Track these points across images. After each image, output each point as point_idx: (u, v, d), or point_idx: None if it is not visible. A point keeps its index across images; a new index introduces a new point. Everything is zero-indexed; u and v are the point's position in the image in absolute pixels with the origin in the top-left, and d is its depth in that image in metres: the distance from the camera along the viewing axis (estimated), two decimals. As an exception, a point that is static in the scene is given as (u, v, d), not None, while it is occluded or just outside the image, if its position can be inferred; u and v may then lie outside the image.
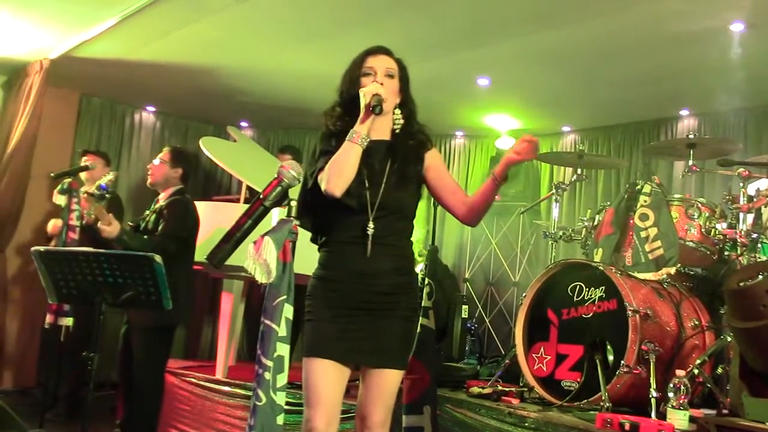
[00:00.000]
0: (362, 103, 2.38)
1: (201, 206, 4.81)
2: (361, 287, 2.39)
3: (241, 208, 4.84)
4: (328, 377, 2.34)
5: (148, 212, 4.42)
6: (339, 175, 2.30)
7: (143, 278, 3.26)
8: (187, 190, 4.53)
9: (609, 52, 5.01)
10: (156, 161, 4.46)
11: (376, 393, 2.39)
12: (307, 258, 3.83)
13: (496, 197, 6.69)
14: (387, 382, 2.40)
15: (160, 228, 4.22)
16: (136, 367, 4.15)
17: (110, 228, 4.01)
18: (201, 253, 4.30)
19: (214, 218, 4.82)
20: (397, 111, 2.52)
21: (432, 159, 2.60)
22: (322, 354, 2.35)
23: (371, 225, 2.38)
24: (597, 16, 4.46)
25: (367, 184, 2.41)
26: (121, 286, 3.26)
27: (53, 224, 5.41)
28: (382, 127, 2.50)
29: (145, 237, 4.16)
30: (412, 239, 2.55)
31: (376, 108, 2.32)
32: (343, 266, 2.42)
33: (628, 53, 4.99)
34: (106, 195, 4.23)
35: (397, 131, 2.53)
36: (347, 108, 2.50)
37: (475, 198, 2.52)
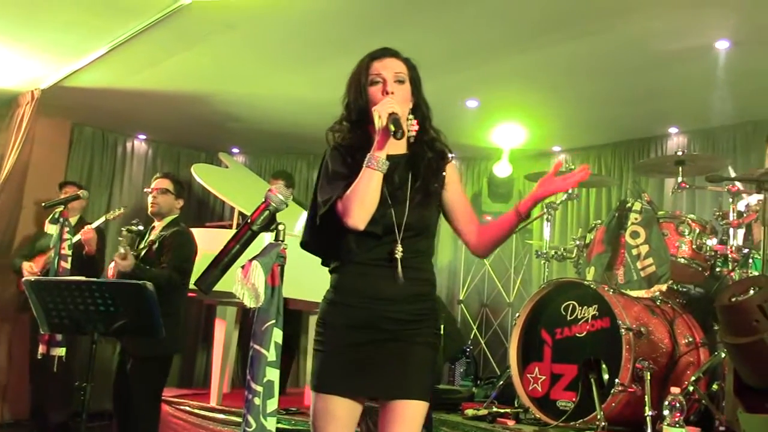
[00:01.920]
0: (377, 124, 2.11)
1: (196, 233, 4.81)
2: (385, 314, 2.15)
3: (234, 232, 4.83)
4: (341, 416, 2.15)
5: (145, 240, 4.41)
6: (362, 207, 2.08)
7: (135, 306, 3.25)
8: (183, 220, 4.54)
9: (597, 71, 5.05)
10: (158, 189, 4.43)
11: (398, 428, 2.12)
12: (298, 282, 3.83)
13: (488, 217, 6.69)
14: (411, 414, 2.12)
15: (164, 258, 4.21)
16: (132, 397, 4.11)
17: (126, 263, 3.99)
18: (192, 280, 4.30)
19: (207, 245, 4.82)
20: (410, 117, 2.22)
21: (451, 174, 2.33)
22: (336, 390, 2.14)
23: (399, 248, 2.16)
24: (584, 35, 4.50)
25: (390, 202, 2.16)
26: (113, 314, 3.25)
27: (28, 267, 5.47)
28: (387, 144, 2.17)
29: (153, 269, 4.14)
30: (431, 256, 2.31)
31: (397, 133, 2.06)
32: (365, 291, 2.17)
33: (616, 72, 5.04)
34: (142, 231, 4.30)
35: (412, 140, 2.24)
36: (356, 121, 2.27)
37: (493, 231, 2.32)
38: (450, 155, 2.36)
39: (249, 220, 1.95)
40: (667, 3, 4.06)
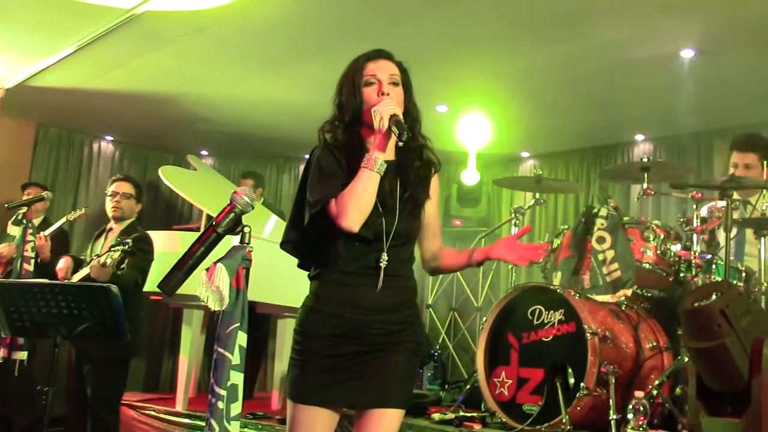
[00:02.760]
0: (376, 124, 2.08)
1: (161, 235, 4.76)
2: (371, 323, 2.11)
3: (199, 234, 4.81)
4: (319, 427, 2.11)
5: (99, 244, 4.34)
6: (357, 208, 2.04)
7: (99, 309, 3.20)
8: (146, 220, 4.52)
9: (565, 78, 5.11)
10: (121, 193, 4.38)
11: None
12: (268, 286, 3.82)
13: (457, 222, 6.71)
14: (388, 422, 2.10)
15: (127, 261, 4.16)
16: (91, 402, 4.06)
17: (106, 270, 3.92)
18: (157, 282, 4.25)
19: (174, 247, 4.78)
20: (403, 122, 2.13)
21: (434, 187, 2.31)
22: (315, 401, 2.11)
23: (385, 257, 2.12)
24: (553, 42, 4.55)
25: (381, 210, 2.12)
26: (76, 317, 3.20)
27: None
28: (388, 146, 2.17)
29: (118, 272, 4.09)
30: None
31: (402, 135, 2.04)
32: (351, 301, 2.13)
33: (584, 79, 5.10)
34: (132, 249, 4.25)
35: (401, 144, 2.12)
36: (349, 122, 2.21)
37: (447, 260, 2.34)
38: (437, 166, 2.33)
39: (214, 223, 1.94)
40: (634, 12, 4.12)
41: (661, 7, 4.04)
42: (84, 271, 4.05)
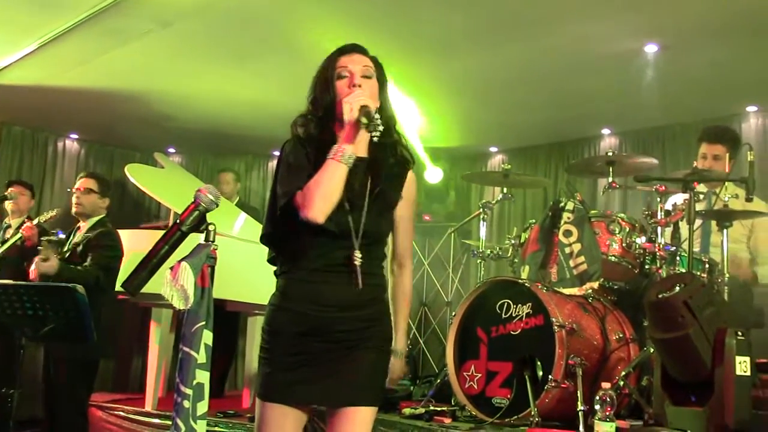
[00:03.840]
0: (346, 116, 2.04)
1: (128, 234, 4.72)
2: (338, 321, 2.09)
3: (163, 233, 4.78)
4: (287, 426, 2.10)
5: (69, 242, 4.31)
6: (322, 199, 2.00)
7: (65, 310, 3.17)
8: (110, 220, 4.45)
9: (531, 73, 5.15)
10: (81, 189, 4.34)
11: None
12: (238, 284, 3.80)
13: (426, 217, 6.73)
14: (361, 420, 2.08)
15: (90, 258, 4.12)
16: (58, 402, 4.02)
17: (48, 264, 3.89)
18: (122, 280, 4.21)
19: (141, 246, 4.73)
20: (377, 116, 2.06)
21: (409, 188, 2.28)
22: (284, 399, 2.09)
23: (358, 254, 2.09)
24: (518, 39, 4.59)
25: (347, 207, 2.09)
26: (42, 318, 3.17)
27: None
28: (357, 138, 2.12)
29: (78, 267, 4.04)
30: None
31: (370, 126, 2.01)
32: (318, 298, 2.10)
33: (549, 75, 5.14)
34: (62, 240, 4.18)
35: (375, 139, 2.09)
36: (322, 117, 2.18)
37: (393, 299, 2.30)
38: (411, 163, 2.29)
39: (178, 221, 1.92)
40: (598, 9, 4.16)
41: (625, 3, 4.09)
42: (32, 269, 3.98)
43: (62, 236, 4.09)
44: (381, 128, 2.07)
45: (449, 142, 6.87)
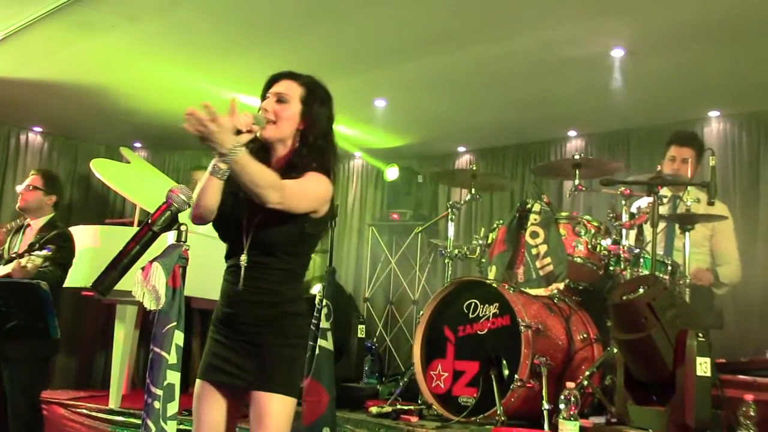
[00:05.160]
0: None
1: (92, 230, 4.66)
2: (236, 316, 2.27)
3: (134, 231, 4.73)
4: (202, 398, 2.27)
5: (20, 240, 4.22)
6: (195, 204, 2.16)
7: (28, 307, 3.13)
8: (61, 219, 4.39)
9: (498, 75, 5.19)
10: (25, 185, 4.28)
11: (252, 420, 2.22)
12: (199, 280, 3.78)
13: (394, 216, 6.73)
14: (263, 404, 2.20)
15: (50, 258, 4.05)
16: (10, 403, 3.93)
17: (31, 267, 3.81)
18: (89, 280, 4.16)
19: (106, 243, 4.68)
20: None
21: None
22: (202, 376, 2.28)
23: (244, 258, 2.24)
24: (486, 41, 4.62)
25: (246, 217, 2.25)
26: (4, 315, 3.12)
27: None
28: (279, 154, 2.35)
29: (47, 270, 3.97)
30: (293, 272, 2.34)
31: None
32: (224, 293, 2.32)
33: (516, 77, 5.18)
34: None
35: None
36: None
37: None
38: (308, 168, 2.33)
39: (149, 221, 1.91)
40: (566, 13, 4.21)
41: (592, 8, 4.14)
42: (4, 269, 3.91)
43: (49, 253, 3.98)
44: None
45: (417, 140, 6.90)
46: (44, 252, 3.77)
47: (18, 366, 3.93)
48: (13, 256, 4.11)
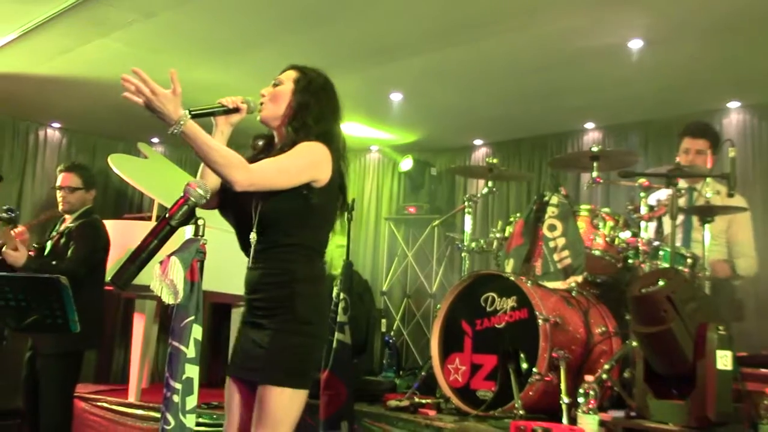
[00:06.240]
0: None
1: (111, 225, 4.69)
2: (251, 301, 2.33)
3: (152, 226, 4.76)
4: (228, 394, 2.36)
5: (54, 233, 4.28)
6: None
7: (48, 301, 3.14)
8: (96, 210, 4.42)
9: (515, 67, 5.16)
10: (66, 187, 4.28)
11: (256, 412, 2.22)
12: (217, 274, 3.79)
13: (411, 209, 6.73)
14: (265, 398, 2.20)
15: (70, 252, 4.08)
16: (42, 395, 3.99)
17: (16, 254, 3.86)
18: (110, 274, 4.19)
19: (124, 237, 4.70)
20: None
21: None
22: (227, 371, 2.38)
23: (253, 235, 2.28)
24: (503, 32, 4.59)
25: (242, 198, 2.28)
26: (24, 310, 3.13)
27: None
28: (277, 141, 2.49)
29: (54, 263, 4.00)
30: (306, 248, 2.33)
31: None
32: (245, 278, 2.37)
33: (534, 68, 5.15)
34: (12, 216, 4.07)
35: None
36: None
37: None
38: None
39: (167, 215, 1.91)
40: (584, 3, 4.17)
41: (611, -1, 4.11)
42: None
43: (12, 213, 3.98)
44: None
45: (433, 134, 6.88)
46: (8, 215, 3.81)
47: (50, 359, 3.98)
48: (36, 246, 4.17)
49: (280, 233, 2.28)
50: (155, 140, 7.65)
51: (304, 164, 2.27)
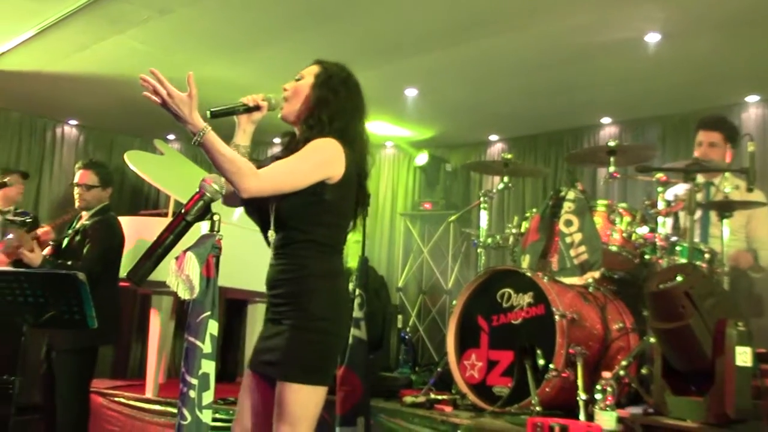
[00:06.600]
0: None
1: (127, 221, 4.71)
2: (270, 297, 2.36)
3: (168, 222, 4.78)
4: (244, 385, 2.39)
5: (70, 231, 4.30)
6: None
7: (66, 297, 3.16)
8: (112, 207, 4.44)
9: (531, 62, 5.12)
10: (83, 184, 4.31)
11: (275, 408, 2.24)
12: (234, 271, 3.80)
13: (426, 205, 6.72)
14: (280, 393, 2.21)
15: (85, 250, 4.11)
16: (58, 390, 4.03)
17: (32, 255, 3.89)
18: (126, 270, 4.21)
19: (140, 233, 4.73)
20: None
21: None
22: (248, 364, 2.41)
23: (271, 233, 2.33)
24: (518, 28, 4.56)
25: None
26: (42, 306, 3.15)
27: None
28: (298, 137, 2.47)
29: (69, 263, 4.03)
30: (320, 244, 2.32)
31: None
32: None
33: (549, 63, 5.12)
34: (28, 220, 4.12)
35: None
36: None
37: None
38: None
39: (183, 210, 1.92)
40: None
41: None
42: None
43: (26, 215, 4.03)
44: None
45: (448, 129, 6.86)
46: (21, 218, 3.83)
47: (67, 354, 4.02)
48: (52, 243, 4.20)
49: (294, 230, 2.29)
50: (171, 137, 7.68)
51: (313, 165, 2.27)
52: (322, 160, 2.28)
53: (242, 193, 2.12)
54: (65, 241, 4.26)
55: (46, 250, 4.15)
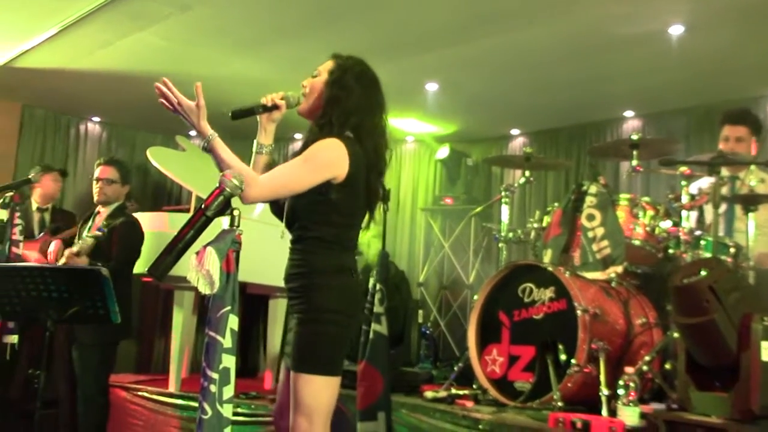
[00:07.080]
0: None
1: (148, 217, 4.75)
2: (288, 291, 2.43)
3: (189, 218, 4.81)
4: (282, 382, 2.49)
5: (91, 223, 4.34)
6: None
7: (90, 293, 3.19)
8: (138, 201, 4.51)
9: (553, 55, 5.08)
10: (104, 179, 4.36)
11: (291, 398, 2.30)
12: (255, 266, 3.81)
13: (447, 200, 6.72)
14: (294, 383, 2.27)
15: (114, 249, 4.16)
16: (79, 384, 4.09)
17: (80, 260, 3.94)
18: (147, 265, 4.24)
19: (163, 229, 4.77)
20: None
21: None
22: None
23: (285, 231, 2.44)
24: (540, 21, 4.52)
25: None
26: (66, 301, 3.18)
27: None
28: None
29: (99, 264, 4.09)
30: (326, 242, 2.35)
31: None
32: None
33: (571, 56, 5.07)
34: (99, 234, 4.23)
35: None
36: None
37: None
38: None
39: (203, 206, 1.93)
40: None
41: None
42: (61, 261, 4.03)
43: (103, 231, 4.10)
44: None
45: (469, 124, 6.83)
46: (95, 233, 3.88)
47: (88, 348, 4.07)
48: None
49: (304, 228, 2.36)
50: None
51: (312, 168, 2.28)
52: (322, 163, 2.29)
53: (243, 200, 2.15)
54: (90, 240, 4.28)
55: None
